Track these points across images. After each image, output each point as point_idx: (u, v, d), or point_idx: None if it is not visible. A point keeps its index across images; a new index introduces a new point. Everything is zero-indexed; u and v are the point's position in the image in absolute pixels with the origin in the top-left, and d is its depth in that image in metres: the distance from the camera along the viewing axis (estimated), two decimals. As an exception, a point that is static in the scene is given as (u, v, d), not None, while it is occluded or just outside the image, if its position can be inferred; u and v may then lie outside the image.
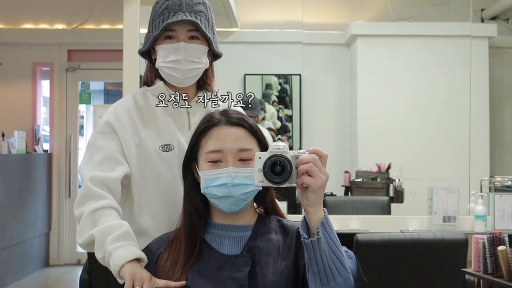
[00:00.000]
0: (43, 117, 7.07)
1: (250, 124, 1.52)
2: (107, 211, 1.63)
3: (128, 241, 1.57)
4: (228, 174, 1.46)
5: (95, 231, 1.60)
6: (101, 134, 1.74)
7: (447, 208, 4.06)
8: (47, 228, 6.57)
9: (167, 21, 1.70)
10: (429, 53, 5.59)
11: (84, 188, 1.68)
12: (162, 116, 1.77)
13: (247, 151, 1.48)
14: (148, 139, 1.74)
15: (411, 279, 2.95)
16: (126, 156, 1.72)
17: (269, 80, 5.70)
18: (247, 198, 1.48)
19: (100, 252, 1.59)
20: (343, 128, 5.70)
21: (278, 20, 5.79)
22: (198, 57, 1.74)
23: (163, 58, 1.74)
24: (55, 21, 6.42)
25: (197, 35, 1.74)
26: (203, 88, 1.82)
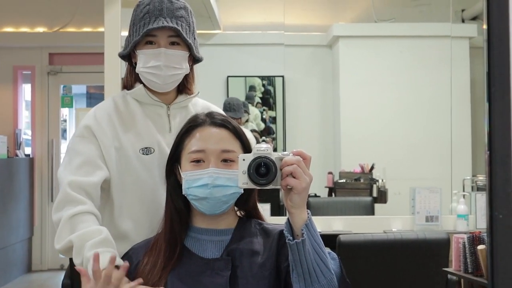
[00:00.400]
0: (25, 121, 7.01)
1: (234, 126, 1.53)
2: (86, 217, 1.62)
3: (106, 248, 1.55)
4: (210, 175, 1.45)
5: (73, 237, 1.58)
6: (80, 138, 1.73)
7: (430, 208, 4.08)
8: (29, 233, 6.52)
9: (148, 26, 1.70)
10: (411, 54, 5.62)
11: (62, 193, 1.66)
12: (142, 119, 1.77)
13: (230, 152, 1.48)
14: (128, 142, 1.73)
15: (394, 279, 2.97)
16: (106, 160, 1.71)
17: (252, 82, 5.70)
18: (228, 201, 1.47)
19: (78, 258, 1.57)
20: (326, 129, 5.72)
21: (260, 22, 5.79)
22: (178, 63, 1.73)
23: (143, 63, 1.73)
24: (36, 25, 6.38)
25: (178, 41, 1.73)
26: (183, 92, 1.82)
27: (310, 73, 5.75)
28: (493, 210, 0.61)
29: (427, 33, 5.61)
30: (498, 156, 0.61)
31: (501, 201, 0.61)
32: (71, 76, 6.73)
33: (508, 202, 0.61)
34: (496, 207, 0.61)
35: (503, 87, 0.63)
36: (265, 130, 5.64)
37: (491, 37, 0.65)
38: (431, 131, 5.47)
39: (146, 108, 1.78)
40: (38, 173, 6.60)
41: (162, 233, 1.53)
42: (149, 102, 1.78)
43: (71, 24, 6.25)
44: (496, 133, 0.61)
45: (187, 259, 1.48)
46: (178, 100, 1.80)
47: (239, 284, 1.42)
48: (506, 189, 0.60)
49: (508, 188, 0.61)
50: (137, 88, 1.77)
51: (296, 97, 5.68)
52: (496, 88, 0.60)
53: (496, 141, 0.61)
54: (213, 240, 1.50)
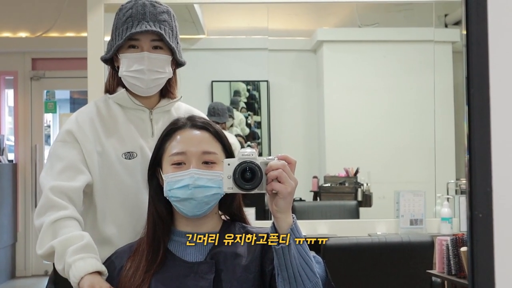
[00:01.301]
0: (8, 127, 6.95)
1: (215, 129, 1.53)
2: (68, 222, 1.61)
3: (88, 253, 1.55)
4: (191, 176, 1.45)
5: (55, 242, 1.58)
6: (62, 143, 1.72)
7: (414, 211, 4.10)
8: (13, 239, 6.46)
9: (131, 30, 1.69)
10: (395, 58, 5.65)
11: (44, 198, 1.66)
12: (124, 124, 1.76)
13: (211, 154, 1.49)
14: (111, 147, 1.73)
15: (379, 282, 2.98)
16: (88, 165, 1.71)
17: (237, 87, 5.70)
18: (210, 202, 1.47)
19: (60, 263, 1.57)
20: (311, 133, 5.73)
21: (244, 27, 5.80)
22: (161, 66, 1.73)
23: (126, 67, 1.73)
24: (19, 29, 6.33)
25: (161, 45, 1.73)
26: (166, 96, 1.82)
27: (294, 78, 5.76)
28: (473, 210, 0.62)
29: (411, 37, 5.64)
30: (478, 155, 0.61)
31: (481, 201, 0.62)
32: (54, 81, 6.69)
33: (487, 202, 0.61)
34: (476, 206, 0.62)
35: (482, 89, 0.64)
36: (250, 135, 5.64)
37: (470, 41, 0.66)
38: (415, 135, 5.50)
39: (129, 113, 1.78)
40: (21, 179, 6.55)
41: (145, 237, 1.53)
42: (131, 107, 1.78)
43: (54, 29, 6.21)
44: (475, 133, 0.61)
45: (170, 262, 1.48)
46: (160, 105, 1.80)
47: (223, 287, 1.42)
48: (486, 189, 0.61)
49: (487, 187, 0.61)
50: (120, 92, 1.77)
51: (281, 102, 5.69)
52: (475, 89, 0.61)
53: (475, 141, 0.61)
54: (198, 243, 1.49)
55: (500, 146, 0.62)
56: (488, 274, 0.59)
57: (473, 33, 0.61)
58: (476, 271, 0.60)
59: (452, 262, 2.68)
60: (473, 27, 0.62)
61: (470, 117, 0.62)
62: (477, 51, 0.61)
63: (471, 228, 0.62)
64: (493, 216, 0.61)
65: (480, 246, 0.61)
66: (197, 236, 1.49)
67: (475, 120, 0.61)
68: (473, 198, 0.62)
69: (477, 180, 0.61)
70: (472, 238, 0.61)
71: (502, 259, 0.61)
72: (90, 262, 1.53)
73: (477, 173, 0.62)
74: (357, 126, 5.57)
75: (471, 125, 0.62)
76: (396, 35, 5.71)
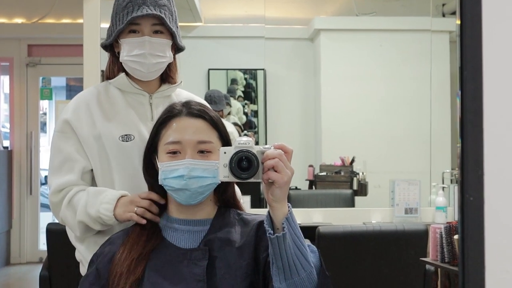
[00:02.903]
0: (3, 114, 6.94)
1: (211, 116, 1.51)
2: (77, 196, 1.71)
3: (101, 195, 1.66)
4: (186, 166, 1.44)
5: (78, 217, 1.67)
6: (59, 134, 1.77)
7: (409, 200, 4.11)
8: (8, 226, 6.46)
9: (132, 15, 1.70)
10: (392, 47, 5.64)
11: (50, 204, 1.78)
12: (123, 108, 1.78)
13: (207, 143, 1.47)
14: (107, 130, 1.74)
15: (373, 270, 2.99)
16: (86, 151, 1.74)
17: (235, 75, 5.68)
18: (205, 192, 1.47)
19: (95, 225, 1.67)
20: (307, 122, 5.72)
21: (241, 15, 5.78)
22: (162, 51, 1.75)
23: (127, 52, 1.74)
24: (14, 15, 6.30)
25: (162, 29, 1.75)
26: (166, 81, 1.83)
27: (291, 67, 5.75)
28: (464, 193, 0.61)
29: (408, 27, 5.63)
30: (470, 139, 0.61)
31: (472, 184, 0.61)
32: (50, 68, 6.67)
33: (479, 185, 0.61)
34: (467, 189, 0.61)
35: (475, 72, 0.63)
36: (247, 124, 5.63)
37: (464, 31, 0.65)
38: (411, 124, 5.50)
39: (129, 97, 1.80)
40: (16, 166, 6.54)
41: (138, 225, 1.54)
42: (131, 91, 1.79)
43: (50, 15, 6.18)
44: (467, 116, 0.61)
45: (164, 249, 1.47)
46: (161, 89, 1.81)
47: (217, 274, 1.42)
48: (477, 172, 0.61)
49: (479, 170, 0.61)
50: (119, 76, 1.78)
51: (277, 91, 5.68)
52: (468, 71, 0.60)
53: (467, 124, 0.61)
54: (191, 230, 1.49)
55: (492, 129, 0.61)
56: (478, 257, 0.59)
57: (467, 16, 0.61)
58: (466, 254, 0.60)
59: (445, 250, 2.69)
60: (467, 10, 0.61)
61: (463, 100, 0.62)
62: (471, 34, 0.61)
63: (462, 212, 0.62)
64: (484, 200, 0.61)
65: (471, 229, 0.60)
66: (191, 222, 1.49)
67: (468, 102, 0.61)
68: (464, 181, 0.62)
69: (469, 163, 0.61)
70: (463, 221, 0.61)
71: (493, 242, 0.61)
72: (108, 199, 1.64)
73: (469, 156, 0.61)
74: (354, 115, 5.57)
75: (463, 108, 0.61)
76: (393, 24, 5.69)
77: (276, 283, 1.32)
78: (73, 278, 1.68)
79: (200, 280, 1.40)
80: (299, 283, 1.31)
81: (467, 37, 0.62)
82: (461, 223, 0.62)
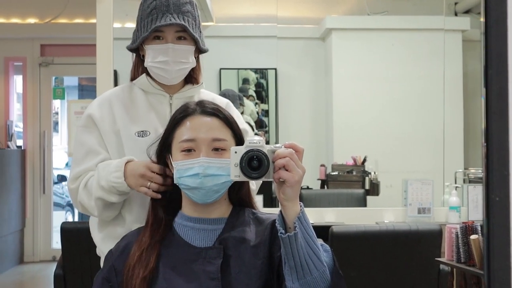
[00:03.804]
0: (16, 113, 6.98)
1: (225, 115, 1.52)
2: (90, 179, 1.76)
3: (109, 166, 1.70)
4: (201, 164, 1.44)
5: (94, 194, 1.71)
6: (82, 128, 1.83)
7: (422, 200, 4.09)
8: (21, 225, 6.50)
9: (156, 23, 1.74)
10: (404, 47, 5.62)
11: (68, 192, 1.84)
12: (143, 106, 1.83)
13: (221, 141, 1.47)
14: (124, 126, 1.79)
15: (387, 270, 2.98)
16: (107, 146, 1.80)
17: (247, 75, 5.68)
18: (220, 190, 1.47)
19: (111, 196, 1.70)
20: (319, 121, 5.72)
21: (253, 14, 5.78)
22: (185, 57, 1.79)
23: (151, 58, 1.78)
24: (28, 16, 6.33)
25: (185, 35, 1.78)
26: (190, 82, 1.86)
27: (302, 66, 5.74)
28: (490, 193, 0.61)
29: (420, 26, 5.61)
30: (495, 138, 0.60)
31: (498, 184, 0.61)
32: (63, 67, 6.70)
33: (505, 185, 0.61)
34: (493, 189, 0.61)
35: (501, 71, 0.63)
36: (257, 123, 5.63)
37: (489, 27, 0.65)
38: (424, 124, 5.48)
39: (151, 97, 1.84)
40: (29, 165, 6.58)
41: (153, 221, 1.54)
42: (152, 91, 1.84)
43: (62, 15, 6.21)
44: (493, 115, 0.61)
45: (178, 247, 1.48)
46: (182, 90, 1.85)
47: (231, 273, 1.42)
48: (503, 172, 0.60)
49: (505, 170, 0.61)
50: (141, 77, 1.83)
51: (288, 90, 5.67)
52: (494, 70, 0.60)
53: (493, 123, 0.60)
54: (205, 229, 1.49)
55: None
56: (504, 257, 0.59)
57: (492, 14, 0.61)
58: (492, 255, 0.59)
59: (461, 250, 2.68)
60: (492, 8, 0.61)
61: (488, 99, 0.61)
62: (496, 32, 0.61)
63: (488, 212, 0.61)
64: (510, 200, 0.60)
65: (496, 229, 0.60)
66: (206, 221, 1.49)
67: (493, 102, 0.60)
68: (490, 181, 0.61)
69: (494, 163, 0.61)
70: (489, 221, 0.61)
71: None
72: (115, 166, 1.67)
73: (494, 156, 0.61)
74: (365, 115, 5.55)
75: (488, 107, 0.61)
76: (405, 23, 5.67)
77: (289, 283, 1.32)
78: (87, 277, 1.69)
79: (214, 278, 1.40)
80: (312, 283, 1.31)
81: (492, 35, 0.61)
82: (486, 223, 0.62)
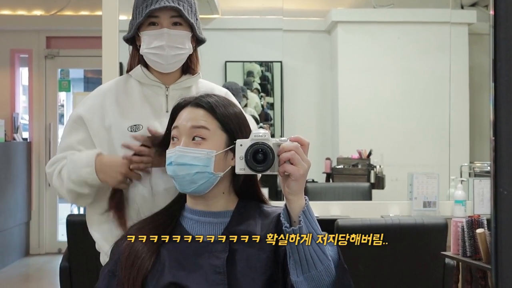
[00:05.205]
0: (22, 106, 6.99)
1: (213, 107, 1.47)
2: (64, 167, 1.76)
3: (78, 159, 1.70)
4: (175, 153, 1.45)
5: (66, 185, 1.73)
6: (72, 122, 1.82)
7: (427, 193, 4.08)
8: (27, 217, 6.52)
9: (150, 7, 1.72)
10: (410, 40, 5.60)
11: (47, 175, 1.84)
12: (138, 99, 1.80)
13: (201, 128, 1.45)
14: (117, 121, 1.76)
15: (392, 263, 2.97)
16: (96, 143, 1.77)
17: (251, 68, 5.67)
18: (196, 181, 1.44)
19: (83, 188, 1.70)
20: (324, 115, 5.71)
21: (258, 7, 5.76)
22: (181, 42, 1.75)
23: (147, 45, 1.75)
24: (33, 8, 6.34)
25: (180, 21, 1.76)
26: (188, 73, 1.84)
27: (308, 59, 5.73)
28: (498, 187, 0.61)
29: (426, 19, 5.58)
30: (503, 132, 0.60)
31: (506, 177, 0.61)
32: (68, 60, 6.71)
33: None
34: (501, 183, 0.61)
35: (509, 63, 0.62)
36: (262, 116, 5.63)
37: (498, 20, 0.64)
38: (429, 117, 5.47)
39: (146, 89, 1.81)
40: (35, 157, 6.59)
41: (159, 212, 1.55)
42: (148, 83, 1.81)
43: (68, 7, 6.21)
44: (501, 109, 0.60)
45: (184, 241, 1.47)
46: (179, 81, 1.82)
47: (237, 266, 1.41)
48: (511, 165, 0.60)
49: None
50: (136, 68, 1.81)
51: (294, 83, 5.66)
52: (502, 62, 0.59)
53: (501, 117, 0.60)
54: (211, 222, 1.49)
55: (526, 122, 0.60)
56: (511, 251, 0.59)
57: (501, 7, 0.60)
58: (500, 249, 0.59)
59: (467, 244, 2.67)
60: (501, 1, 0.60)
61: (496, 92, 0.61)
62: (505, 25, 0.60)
63: (495, 206, 0.61)
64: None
65: (504, 223, 0.60)
66: (211, 214, 1.49)
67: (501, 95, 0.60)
68: (497, 175, 0.61)
69: (502, 156, 0.60)
70: (496, 215, 0.61)
71: (527, 237, 0.60)
72: (86, 162, 1.69)
73: (502, 150, 0.60)
74: (371, 108, 5.54)
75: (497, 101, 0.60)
76: (411, 16, 5.65)
77: (294, 276, 1.31)
78: (93, 269, 1.70)
79: (220, 272, 1.40)
80: (316, 277, 1.30)
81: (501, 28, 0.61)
82: (494, 217, 0.61)
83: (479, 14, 5.60)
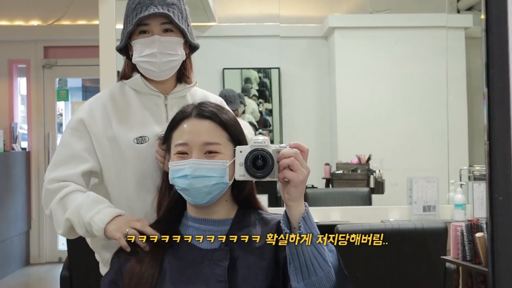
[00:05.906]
0: (21, 116, 6.99)
1: (220, 118, 1.49)
2: (73, 195, 1.67)
3: (100, 204, 1.63)
4: (190, 166, 1.43)
5: (68, 214, 1.64)
6: (71, 131, 1.76)
7: (427, 197, 4.08)
8: (27, 227, 6.51)
9: (140, 15, 1.71)
10: (407, 45, 5.62)
11: (44, 191, 1.73)
12: (138, 109, 1.78)
13: (213, 144, 1.45)
14: (122, 133, 1.74)
15: (392, 268, 2.97)
16: (98, 152, 1.73)
17: (248, 75, 5.68)
18: (213, 192, 1.45)
19: (81, 229, 1.63)
20: (323, 120, 5.72)
21: (255, 14, 5.78)
22: (173, 49, 1.74)
23: (138, 53, 1.74)
24: (31, 18, 6.35)
25: (171, 27, 1.74)
26: (182, 81, 1.82)
27: (306, 65, 5.74)
28: (493, 192, 0.61)
29: (423, 23, 5.60)
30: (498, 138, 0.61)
31: (501, 183, 0.61)
32: (66, 69, 6.72)
33: (508, 184, 0.61)
34: (496, 189, 0.61)
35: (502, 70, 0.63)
36: (261, 123, 5.63)
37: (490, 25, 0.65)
38: (428, 121, 5.47)
39: (144, 98, 1.79)
40: (34, 167, 6.59)
41: (160, 221, 1.54)
42: (146, 92, 1.79)
43: (65, 17, 6.22)
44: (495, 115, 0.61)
45: (185, 249, 1.47)
46: (176, 90, 1.81)
47: (238, 274, 1.41)
48: (506, 171, 0.60)
49: (507, 169, 0.61)
50: (135, 77, 1.79)
51: (292, 89, 5.68)
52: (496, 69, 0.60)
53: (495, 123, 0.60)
54: (212, 230, 1.49)
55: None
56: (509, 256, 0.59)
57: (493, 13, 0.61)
58: (496, 254, 0.59)
59: (467, 248, 2.67)
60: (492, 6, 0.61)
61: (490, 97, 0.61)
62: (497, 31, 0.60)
63: (491, 211, 0.61)
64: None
65: (500, 229, 0.60)
66: (211, 222, 1.49)
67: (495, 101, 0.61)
68: (493, 180, 0.61)
69: (497, 162, 0.61)
70: (492, 221, 0.61)
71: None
72: (106, 212, 1.60)
73: (497, 156, 0.61)
74: (369, 113, 5.55)
75: (490, 107, 0.61)
76: (408, 21, 5.67)
77: (294, 283, 1.31)
78: (93, 278, 1.69)
79: (221, 280, 1.40)
80: (317, 283, 1.30)
81: (493, 34, 0.61)
82: (490, 222, 0.62)
83: (475, 18, 5.62)
